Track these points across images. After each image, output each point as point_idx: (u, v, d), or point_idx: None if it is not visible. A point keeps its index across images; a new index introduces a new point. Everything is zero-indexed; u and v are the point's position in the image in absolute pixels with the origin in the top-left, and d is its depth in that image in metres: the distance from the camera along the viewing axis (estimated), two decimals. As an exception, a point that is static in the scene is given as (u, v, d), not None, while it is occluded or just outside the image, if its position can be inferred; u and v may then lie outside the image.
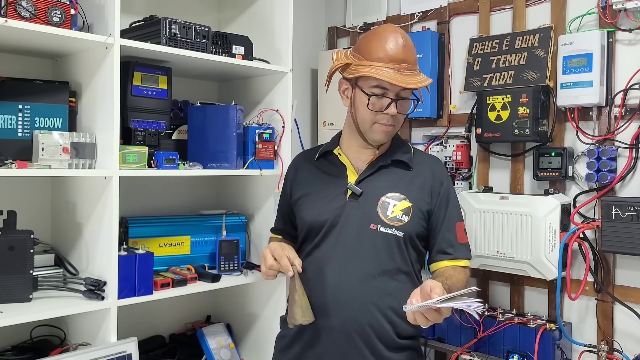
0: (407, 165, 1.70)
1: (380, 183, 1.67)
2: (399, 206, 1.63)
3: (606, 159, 1.98)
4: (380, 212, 1.63)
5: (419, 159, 1.75)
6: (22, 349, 1.91)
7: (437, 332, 2.26)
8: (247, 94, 2.38)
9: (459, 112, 2.44)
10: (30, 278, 1.73)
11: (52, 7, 1.66)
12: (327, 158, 1.77)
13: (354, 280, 1.61)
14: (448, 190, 1.70)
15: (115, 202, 1.76)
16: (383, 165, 1.69)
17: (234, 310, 2.44)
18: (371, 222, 1.62)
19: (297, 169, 1.83)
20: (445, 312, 1.37)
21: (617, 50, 2.03)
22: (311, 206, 1.71)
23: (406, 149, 1.75)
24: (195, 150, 2.15)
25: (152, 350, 2.23)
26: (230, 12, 2.49)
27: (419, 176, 1.69)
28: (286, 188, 1.85)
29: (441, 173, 1.73)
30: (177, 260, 2.16)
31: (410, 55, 1.63)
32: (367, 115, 1.63)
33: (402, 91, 1.62)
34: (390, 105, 1.61)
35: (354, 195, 1.66)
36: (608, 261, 2.04)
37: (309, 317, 1.60)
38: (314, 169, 1.77)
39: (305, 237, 1.72)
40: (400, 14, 2.65)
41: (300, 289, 1.59)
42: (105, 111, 1.80)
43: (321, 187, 1.72)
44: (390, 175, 1.68)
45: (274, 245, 1.62)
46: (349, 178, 1.69)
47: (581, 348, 2.06)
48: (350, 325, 1.60)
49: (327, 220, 1.65)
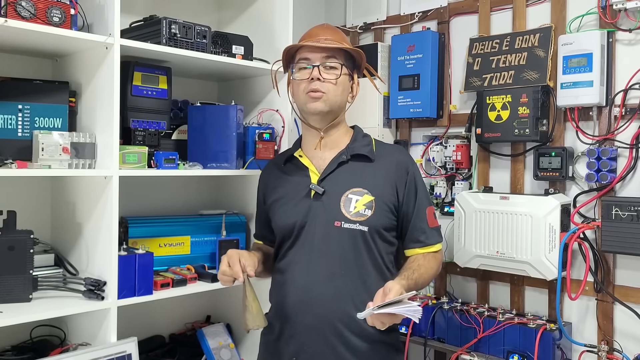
0: (368, 158, 1.72)
1: (341, 180, 1.70)
2: (362, 201, 1.66)
3: (606, 159, 1.98)
4: (343, 208, 1.66)
5: (381, 150, 1.77)
6: (22, 349, 1.91)
7: (437, 332, 2.26)
8: (247, 94, 2.38)
9: (459, 112, 2.44)
10: (30, 278, 1.73)
11: (52, 7, 1.66)
12: (292, 162, 1.81)
13: (323, 278, 1.65)
14: (415, 178, 1.72)
15: (115, 202, 1.76)
16: (343, 162, 1.72)
17: (234, 310, 2.44)
18: (335, 220, 1.66)
19: (267, 176, 1.88)
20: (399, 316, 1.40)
21: (617, 50, 2.03)
22: (281, 211, 1.75)
23: (366, 142, 1.77)
24: (195, 150, 2.15)
25: (152, 350, 2.23)
26: (230, 12, 2.49)
27: (382, 168, 1.71)
28: (260, 195, 1.90)
29: (406, 162, 1.74)
30: (177, 260, 2.16)
31: (332, 33, 1.73)
32: (297, 88, 1.71)
33: (326, 59, 1.68)
34: (312, 71, 1.66)
35: (317, 195, 1.69)
36: (608, 261, 2.04)
37: (260, 322, 1.62)
38: (282, 174, 1.81)
39: (281, 241, 1.76)
40: (400, 14, 2.64)
41: (250, 294, 1.61)
42: (105, 111, 1.80)
43: (288, 190, 1.76)
44: (351, 171, 1.71)
45: (232, 252, 1.65)
46: (312, 178, 1.72)
47: (581, 348, 2.06)
48: (321, 323, 1.63)
49: (296, 222, 1.69)
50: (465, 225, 2.24)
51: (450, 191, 2.44)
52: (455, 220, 2.29)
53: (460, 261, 2.27)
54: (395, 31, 2.67)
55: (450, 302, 2.31)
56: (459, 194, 2.30)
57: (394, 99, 2.52)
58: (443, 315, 2.24)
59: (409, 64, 2.48)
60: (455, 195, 2.35)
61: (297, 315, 1.66)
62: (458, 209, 2.27)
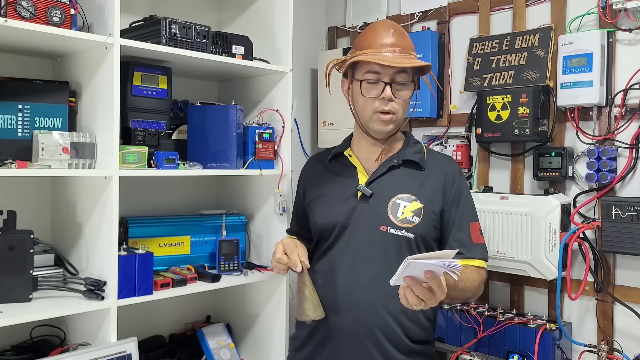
0: (418, 165, 1.68)
1: (390, 184, 1.65)
2: (410, 207, 1.61)
3: (606, 159, 1.98)
4: (390, 213, 1.61)
5: (432, 158, 1.72)
6: (22, 349, 1.91)
7: (437, 332, 2.26)
8: (247, 94, 2.38)
9: (459, 112, 2.44)
10: (30, 278, 1.73)
11: (52, 7, 1.66)
12: (339, 160, 1.76)
13: (364, 282, 1.60)
14: (460, 189, 1.67)
15: (115, 202, 1.76)
16: (394, 166, 1.67)
17: (234, 310, 2.44)
18: (381, 224, 1.61)
19: (310, 171, 1.84)
20: (439, 291, 1.30)
21: (617, 50, 2.03)
22: (323, 209, 1.71)
23: (418, 149, 1.73)
24: (195, 150, 2.15)
25: (152, 350, 2.23)
26: (230, 12, 2.49)
27: (431, 176, 1.67)
28: (300, 191, 1.86)
29: (454, 172, 1.70)
30: (177, 260, 2.16)
31: (401, 40, 1.62)
32: (364, 104, 1.63)
33: (397, 75, 1.60)
34: (385, 90, 1.59)
35: (364, 197, 1.64)
36: (608, 261, 2.04)
37: (320, 313, 1.59)
38: (326, 172, 1.77)
39: (318, 240, 1.71)
40: (400, 13, 2.64)
41: (310, 284, 1.58)
42: (105, 111, 1.80)
43: (332, 189, 1.71)
44: (401, 176, 1.66)
45: (288, 240, 1.62)
46: (359, 179, 1.68)
47: (581, 348, 2.06)
48: (359, 328, 1.59)
49: (338, 223, 1.65)
50: (465, 225, 2.24)
51: (450, 191, 2.44)
52: (455, 220, 2.29)
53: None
54: (395, 31, 2.67)
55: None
56: (459, 194, 2.30)
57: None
58: (443, 315, 2.24)
59: (409, 64, 2.48)
60: (455, 195, 2.35)
61: (333, 318, 1.61)
62: (458, 209, 2.27)
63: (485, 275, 1.67)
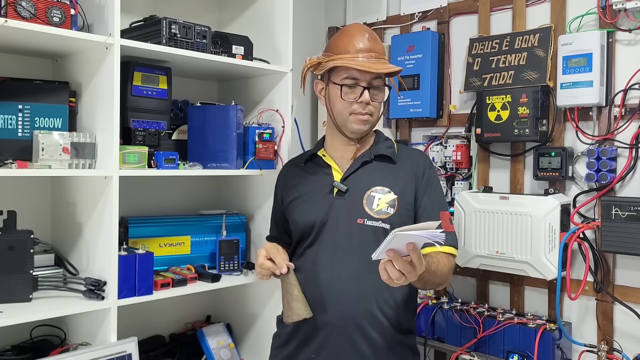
0: (390, 159, 1.74)
1: (364, 178, 1.70)
2: (384, 199, 1.66)
3: (606, 159, 1.98)
4: (365, 206, 1.66)
5: (403, 153, 1.79)
6: (22, 349, 1.91)
7: (437, 332, 2.26)
8: (247, 94, 2.38)
9: (458, 112, 2.44)
10: (30, 278, 1.73)
11: (52, 7, 1.66)
12: (313, 161, 1.81)
13: (346, 275, 1.64)
14: (429, 178, 1.72)
15: (115, 202, 1.76)
16: (366, 161, 1.73)
17: (234, 310, 2.44)
18: (358, 217, 1.66)
19: (286, 175, 1.88)
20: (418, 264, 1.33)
21: (617, 50, 2.03)
22: (301, 208, 1.75)
23: (389, 144, 1.79)
24: (195, 150, 2.15)
25: (152, 350, 2.23)
26: (230, 12, 2.49)
27: (403, 169, 1.73)
28: (277, 196, 1.89)
29: (425, 163, 1.75)
30: (177, 260, 2.16)
31: (376, 45, 1.69)
32: (342, 107, 1.68)
33: (373, 80, 1.67)
34: (363, 93, 1.65)
35: (340, 193, 1.70)
36: (608, 261, 2.04)
37: (310, 312, 1.63)
38: (302, 173, 1.81)
39: (300, 239, 1.75)
40: (400, 14, 2.65)
41: (297, 284, 1.63)
42: (105, 111, 1.80)
43: (309, 188, 1.76)
44: (374, 170, 1.72)
45: (269, 245, 1.66)
46: (335, 177, 1.73)
47: (581, 348, 2.06)
48: (344, 320, 1.62)
49: (317, 220, 1.69)
50: (465, 225, 2.24)
51: (450, 191, 2.44)
52: (455, 220, 2.29)
53: (460, 261, 2.27)
54: (395, 31, 2.68)
55: (450, 302, 2.32)
56: (458, 194, 2.30)
57: (394, 99, 2.52)
58: (443, 315, 2.24)
59: (409, 64, 2.48)
60: (455, 195, 2.35)
61: (318, 312, 1.64)
62: (458, 209, 2.27)
63: (454, 263, 1.71)
